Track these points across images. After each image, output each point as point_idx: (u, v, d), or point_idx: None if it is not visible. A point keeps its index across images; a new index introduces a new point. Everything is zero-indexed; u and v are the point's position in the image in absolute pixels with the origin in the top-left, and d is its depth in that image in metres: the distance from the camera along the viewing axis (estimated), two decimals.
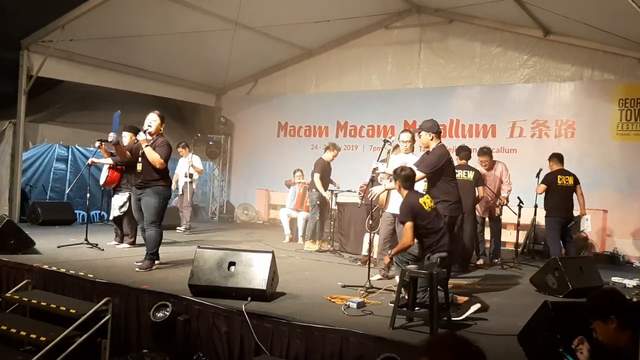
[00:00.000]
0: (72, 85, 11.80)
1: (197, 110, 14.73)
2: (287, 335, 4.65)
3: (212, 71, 13.28)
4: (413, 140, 6.79)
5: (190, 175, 10.97)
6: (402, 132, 7.20)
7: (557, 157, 8.47)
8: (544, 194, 8.35)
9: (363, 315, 4.99)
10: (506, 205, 8.66)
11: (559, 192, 8.23)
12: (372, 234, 6.81)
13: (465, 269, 7.75)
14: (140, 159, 6.75)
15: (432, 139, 6.14)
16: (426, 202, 5.32)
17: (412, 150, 6.84)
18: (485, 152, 8.52)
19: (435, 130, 6.16)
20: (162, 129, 6.84)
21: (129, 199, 7.72)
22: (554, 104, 10.76)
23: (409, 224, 5.14)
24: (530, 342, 4.07)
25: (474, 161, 8.67)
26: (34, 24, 10.39)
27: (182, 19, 10.48)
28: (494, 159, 8.86)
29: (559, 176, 8.28)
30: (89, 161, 8.44)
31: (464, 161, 8.17)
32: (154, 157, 6.54)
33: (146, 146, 6.57)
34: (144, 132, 6.64)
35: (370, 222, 6.63)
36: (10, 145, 10.56)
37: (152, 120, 6.78)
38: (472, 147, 10.92)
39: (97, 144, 8.14)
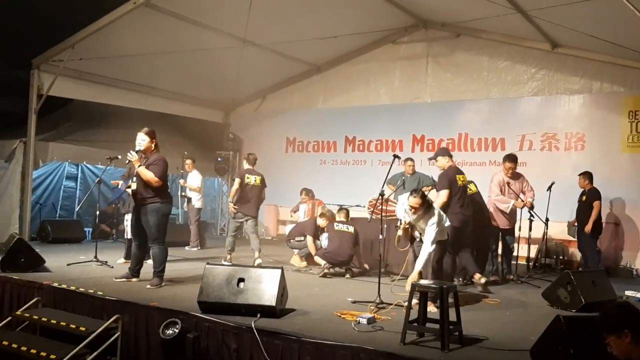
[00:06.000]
0: (82, 103, 11.92)
1: (206, 127, 14.81)
2: (297, 352, 4.61)
3: (221, 88, 13.35)
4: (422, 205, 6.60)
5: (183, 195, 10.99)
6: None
7: (592, 176, 9.10)
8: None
9: (373, 331, 4.94)
10: (530, 209, 8.41)
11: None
12: (384, 249, 6.76)
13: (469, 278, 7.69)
14: (134, 178, 6.73)
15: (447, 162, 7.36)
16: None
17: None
18: (513, 159, 8.27)
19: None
20: (153, 145, 6.78)
21: None
22: (563, 117, 10.72)
23: None
24: (543, 357, 4.02)
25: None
26: (44, 43, 10.52)
27: (190, 37, 10.57)
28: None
29: None
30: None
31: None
32: (148, 176, 6.52)
33: (139, 166, 6.55)
34: (136, 152, 6.63)
35: (381, 236, 6.58)
36: (21, 164, 10.63)
37: (141, 139, 6.73)
38: (481, 161, 11.09)
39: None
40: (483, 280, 7.11)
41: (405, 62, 12.41)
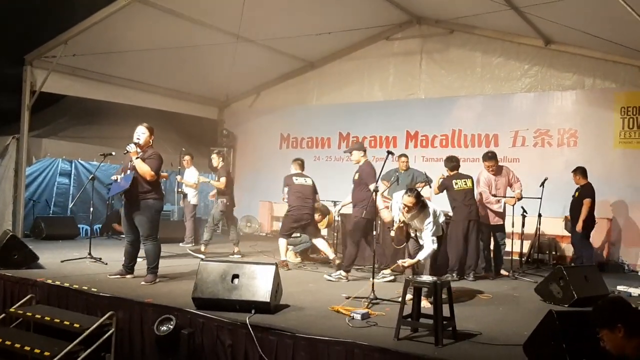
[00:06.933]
0: (75, 99, 11.87)
1: (200, 123, 14.78)
2: (291, 348, 4.62)
3: (215, 84, 13.34)
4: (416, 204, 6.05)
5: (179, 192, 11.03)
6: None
7: (584, 171, 8.95)
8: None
9: (368, 326, 4.95)
10: (519, 199, 8.36)
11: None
12: (374, 245, 6.78)
13: (461, 274, 7.77)
14: (128, 171, 6.70)
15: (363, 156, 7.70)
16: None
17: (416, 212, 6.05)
18: (491, 156, 8.32)
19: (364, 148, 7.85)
20: (151, 141, 6.80)
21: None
22: (556, 113, 10.78)
23: None
24: (536, 352, 4.05)
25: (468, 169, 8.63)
26: (37, 39, 10.47)
27: (184, 33, 10.54)
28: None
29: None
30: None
31: (455, 171, 8.12)
32: (144, 169, 6.52)
33: (136, 158, 6.56)
34: (135, 144, 6.64)
35: (374, 233, 6.60)
36: (14, 160, 10.59)
37: (141, 132, 6.74)
38: (474, 157, 11.10)
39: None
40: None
41: (400, 59, 12.43)
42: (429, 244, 5.90)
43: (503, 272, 8.33)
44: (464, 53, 11.66)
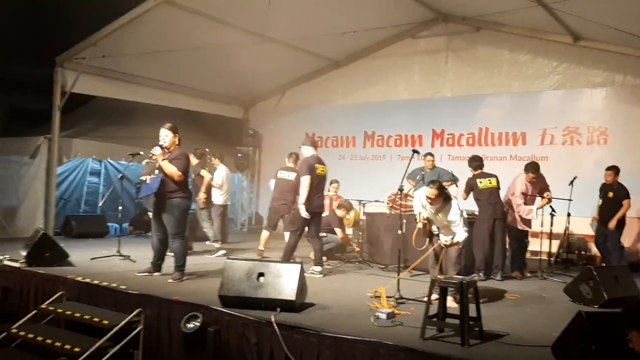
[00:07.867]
0: (104, 100, 12.06)
1: (226, 123, 14.89)
2: (316, 347, 4.63)
3: (240, 84, 13.42)
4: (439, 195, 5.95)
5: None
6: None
7: (619, 171, 8.80)
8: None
9: (393, 326, 4.94)
10: (550, 199, 8.24)
11: None
12: (401, 245, 6.75)
13: (488, 273, 7.70)
14: (156, 172, 6.81)
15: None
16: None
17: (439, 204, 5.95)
18: (536, 167, 8.09)
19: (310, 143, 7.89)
20: (177, 140, 6.86)
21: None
22: (585, 111, 10.61)
23: None
24: (565, 353, 3.99)
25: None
26: (67, 41, 10.68)
27: (210, 34, 10.64)
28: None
29: None
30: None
31: (479, 170, 8.04)
32: (170, 170, 6.60)
33: (162, 160, 6.65)
34: (160, 146, 6.72)
35: (400, 232, 6.57)
36: (45, 160, 10.83)
37: (164, 135, 6.82)
38: (501, 156, 11.02)
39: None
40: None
41: (425, 57, 12.35)
42: (461, 233, 5.88)
43: (526, 272, 8.24)
44: (490, 50, 11.54)
